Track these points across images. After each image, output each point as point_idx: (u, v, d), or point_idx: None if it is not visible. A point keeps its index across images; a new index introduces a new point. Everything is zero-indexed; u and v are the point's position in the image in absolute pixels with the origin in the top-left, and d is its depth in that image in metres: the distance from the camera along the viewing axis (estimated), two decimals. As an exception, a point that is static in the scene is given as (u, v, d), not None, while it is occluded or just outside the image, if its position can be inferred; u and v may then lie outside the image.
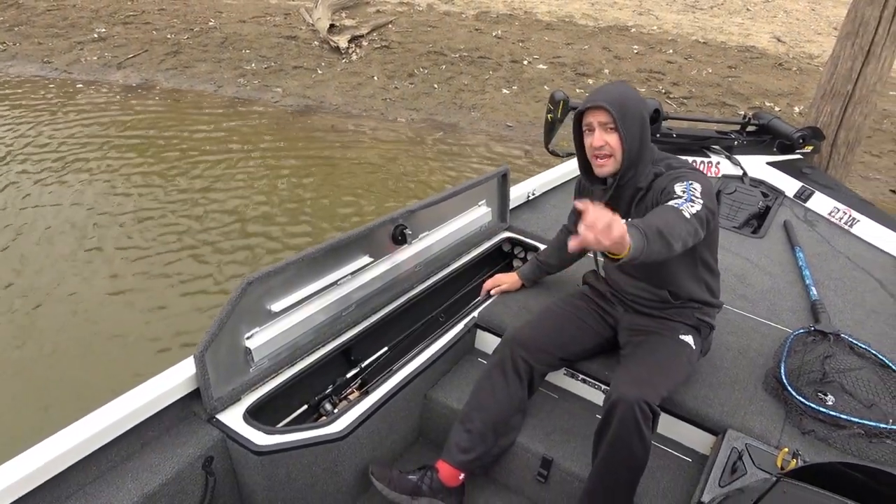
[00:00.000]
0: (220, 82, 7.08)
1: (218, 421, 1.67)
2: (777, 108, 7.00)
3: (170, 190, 4.85)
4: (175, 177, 5.04)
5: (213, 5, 9.39)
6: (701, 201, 1.54)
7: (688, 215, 1.48)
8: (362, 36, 8.33)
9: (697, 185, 1.59)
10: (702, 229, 1.52)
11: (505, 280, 2.28)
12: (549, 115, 3.21)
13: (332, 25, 8.37)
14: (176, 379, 1.63)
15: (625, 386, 1.61)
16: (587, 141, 1.72)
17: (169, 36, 8.18)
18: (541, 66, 7.86)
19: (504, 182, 2.60)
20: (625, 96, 1.65)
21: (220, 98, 6.76)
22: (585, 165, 1.80)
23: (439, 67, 7.67)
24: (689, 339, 1.81)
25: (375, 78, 7.31)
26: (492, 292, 2.27)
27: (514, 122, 6.51)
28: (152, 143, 5.65)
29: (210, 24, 8.64)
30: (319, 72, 7.38)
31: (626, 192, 1.75)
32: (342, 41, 7.97)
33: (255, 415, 1.72)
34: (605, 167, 1.71)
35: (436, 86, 7.20)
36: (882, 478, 1.06)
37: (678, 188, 1.59)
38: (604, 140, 1.66)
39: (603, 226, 1.24)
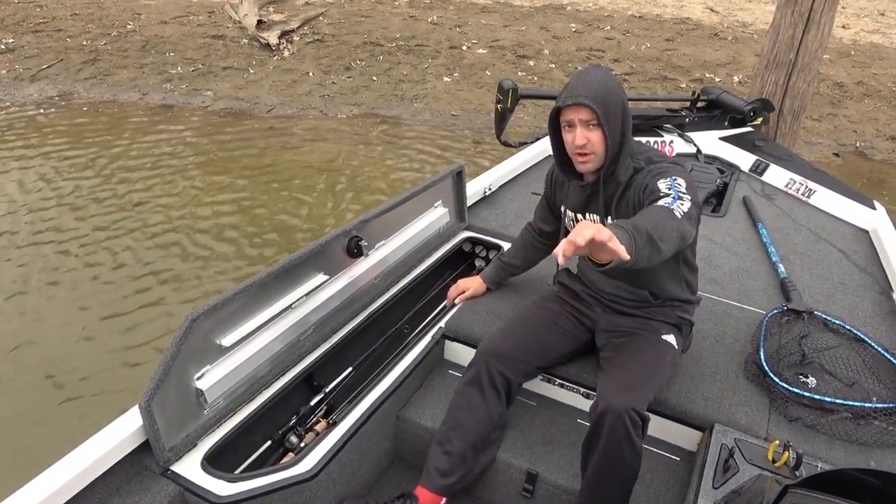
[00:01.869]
0: (145, 89, 6.67)
1: (173, 473, 1.50)
2: (717, 79, 7.10)
3: (97, 212, 4.49)
4: (105, 199, 4.66)
5: (130, 7, 8.86)
6: (689, 198, 1.45)
7: (679, 214, 1.38)
8: (293, 31, 8.01)
9: (682, 181, 1.50)
10: (693, 228, 1.43)
11: (469, 285, 2.16)
12: (498, 105, 3.11)
13: (260, 21, 8.02)
14: (121, 433, 1.46)
15: (612, 394, 1.52)
16: (566, 137, 1.59)
17: (85, 43, 7.66)
18: (480, 50, 7.74)
19: (459, 180, 2.48)
20: (606, 88, 1.52)
21: (147, 106, 6.36)
22: (562, 160, 1.68)
23: (376, 59, 7.45)
24: (671, 338, 1.73)
25: (311, 74, 7.03)
26: (457, 300, 2.15)
27: (458, 111, 6.38)
28: (73, 161, 5.25)
29: (128, 27, 8.14)
30: (251, 71, 7.05)
31: (607, 188, 1.64)
32: (272, 37, 7.64)
33: (214, 461, 1.56)
34: (586, 164, 1.60)
35: (375, 78, 6.99)
36: (898, 482, 1.00)
37: (662, 185, 1.49)
38: (586, 138, 1.54)
39: (598, 240, 1.13)
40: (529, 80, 6.95)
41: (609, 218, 1.68)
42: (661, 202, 1.42)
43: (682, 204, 1.42)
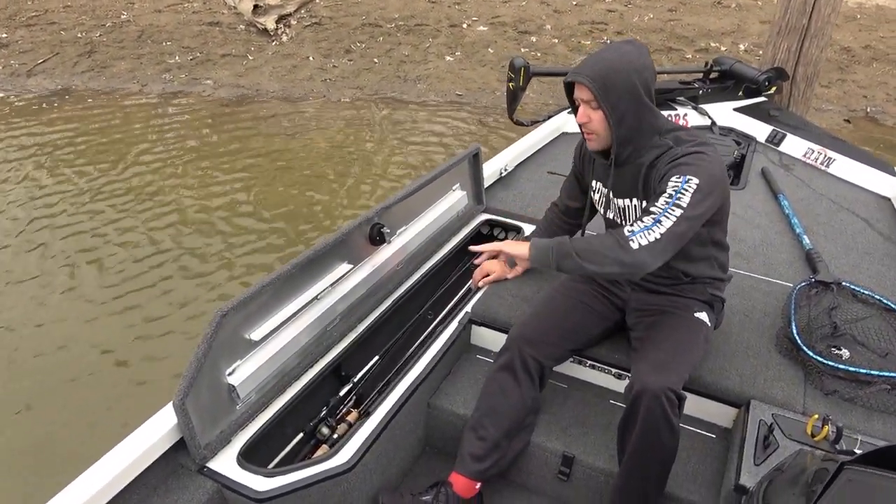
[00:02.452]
0: (144, 80, 6.60)
1: (209, 470, 1.50)
2: (723, 48, 7.00)
3: (115, 202, 4.47)
4: (113, 191, 4.65)
5: (124, -4, 8.72)
6: (678, 213, 1.43)
7: (635, 246, 1.43)
8: (290, 14, 7.89)
9: (693, 182, 1.45)
10: (657, 253, 1.43)
11: (493, 269, 2.13)
12: (510, 84, 3.06)
13: (255, 6, 7.89)
14: (156, 432, 1.45)
15: (647, 375, 1.50)
16: (577, 115, 1.58)
17: (79, 35, 7.56)
18: (481, 27, 7.63)
19: (476, 162, 2.45)
20: (610, 67, 1.48)
21: (147, 97, 6.29)
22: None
23: (376, 40, 7.35)
24: (703, 316, 1.71)
25: (311, 58, 6.95)
26: (481, 283, 2.13)
27: (462, 91, 6.31)
28: (81, 154, 5.22)
29: (122, 17, 8.02)
30: (250, 58, 6.97)
31: (630, 168, 1.61)
32: (269, 22, 7.53)
33: (249, 456, 1.55)
34: (591, 143, 1.60)
35: (376, 60, 6.90)
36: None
37: (671, 185, 1.47)
38: (587, 116, 1.54)
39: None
40: (533, 57, 6.86)
41: (634, 199, 1.65)
42: (636, 225, 1.46)
43: (658, 228, 1.43)
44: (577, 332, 1.78)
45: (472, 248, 1.95)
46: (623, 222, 1.71)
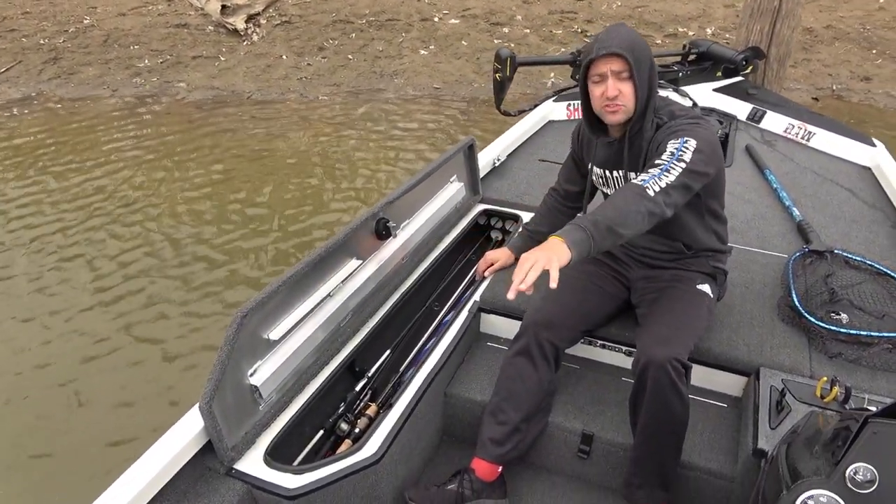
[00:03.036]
0: (114, 85, 6.46)
1: (238, 472, 1.50)
2: (691, 33, 7.12)
3: (93, 216, 4.38)
4: (96, 207, 4.53)
5: (84, 1, 8.51)
6: (682, 166, 1.47)
7: (652, 191, 1.43)
8: (258, 14, 7.79)
9: (692, 143, 1.51)
10: (671, 200, 1.45)
11: (497, 257, 2.16)
12: (497, 75, 3.08)
13: (223, 6, 7.77)
14: (183, 437, 1.44)
15: (652, 347, 1.55)
16: (595, 91, 1.59)
17: (42, 41, 7.36)
18: (453, 20, 7.64)
19: (471, 153, 2.47)
20: (635, 41, 1.54)
21: (118, 102, 6.16)
22: (590, 117, 1.68)
23: (349, 36, 7.31)
24: (706, 287, 1.76)
25: (284, 57, 6.87)
26: (486, 273, 2.15)
27: (440, 84, 6.31)
28: (54, 161, 5.08)
29: (85, 21, 7.83)
30: (222, 59, 6.87)
31: (633, 144, 1.65)
32: (239, 22, 7.44)
33: (275, 455, 1.55)
34: (617, 115, 1.60)
35: (350, 56, 6.86)
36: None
37: (671, 146, 1.51)
38: (618, 89, 1.55)
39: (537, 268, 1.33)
40: (506, 48, 6.89)
41: (633, 174, 1.69)
42: (644, 175, 1.48)
43: (667, 176, 1.45)
44: (589, 313, 1.82)
45: (516, 283, 1.41)
46: None
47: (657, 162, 1.51)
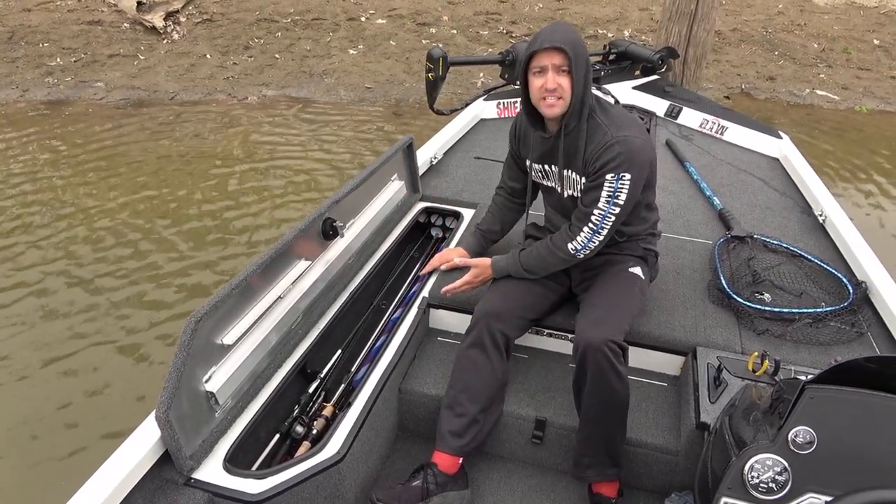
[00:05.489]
0: (24, 85, 6.03)
1: (197, 481, 1.46)
2: (610, 35, 7.42)
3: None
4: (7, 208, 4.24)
5: (-18, -5, 7.89)
6: (617, 211, 1.70)
7: (581, 256, 1.78)
8: (177, 11, 7.49)
9: (627, 177, 1.66)
10: (598, 247, 1.78)
11: (451, 256, 2.19)
12: (429, 75, 3.09)
13: (139, 3, 7.42)
14: (139, 450, 1.39)
15: (588, 331, 1.64)
16: (535, 83, 1.66)
17: (-66, 38, 6.78)
18: (379, 20, 7.62)
19: (410, 152, 2.50)
20: (576, 39, 1.62)
21: (29, 104, 5.76)
22: (530, 110, 1.75)
23: (274, 35, 7.15)
24: (637, 270, 1.87)
25: (208, 56, 6.64)
26: (442, 268, 2.18)
27: (371, 84, 6.29)
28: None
29: (-15, 17, 7.27)
30: (141, 57, 6.56)
31: (567, 140, 1.73)
32: (157, 20, 7.12)
33: (234, 462, 1.53)
34: (554, 108, 1.67)
35: (277, 56, 6.72)
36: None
37: (607, 185, 1.67)
38: (556, 82, 1.62)
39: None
40: (438, 48, 6.94)
41: (568, 171, 1.78)
42: (579, 237, 1.77)
43: (599, 235, 1.74)
44: (536, 302, 1.89)
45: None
46: (562, 190, 1.84)
47: (594, 214, 1.71)
